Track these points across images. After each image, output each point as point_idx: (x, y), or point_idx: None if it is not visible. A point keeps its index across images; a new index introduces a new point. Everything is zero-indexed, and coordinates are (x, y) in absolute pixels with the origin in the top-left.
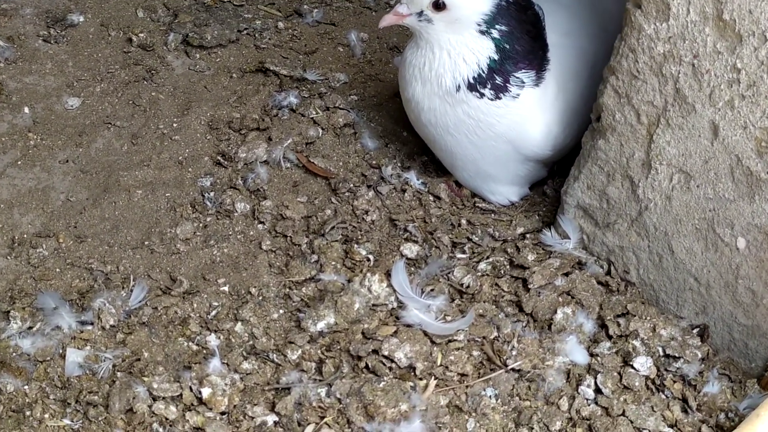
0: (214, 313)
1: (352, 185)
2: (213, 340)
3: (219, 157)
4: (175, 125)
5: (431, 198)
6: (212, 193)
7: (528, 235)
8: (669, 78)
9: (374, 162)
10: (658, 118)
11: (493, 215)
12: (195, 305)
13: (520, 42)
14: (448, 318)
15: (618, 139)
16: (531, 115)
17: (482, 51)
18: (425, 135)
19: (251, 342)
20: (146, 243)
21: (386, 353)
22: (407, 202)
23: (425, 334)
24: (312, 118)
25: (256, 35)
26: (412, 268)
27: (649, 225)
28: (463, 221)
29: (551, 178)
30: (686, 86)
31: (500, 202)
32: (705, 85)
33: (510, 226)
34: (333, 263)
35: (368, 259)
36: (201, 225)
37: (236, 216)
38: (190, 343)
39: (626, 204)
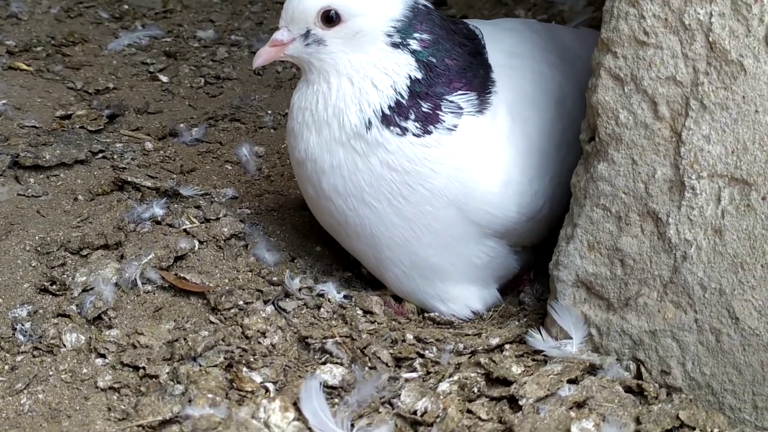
0: None
1: (241, 302)
2: None
3: (46, 284)
4: None
5: (359, 312)
6: (28, 325)
7: (507, 346)
8: (696, 30)
9: (275, 278)
10: (686, 101)
11: (451, 329)
12: None
13: (452, 54)
14: None
15: (628, 154)
16: (478, 155)
17: (398, 69)
18: (333, 217)
19: None
20: None
21: None
22: (324, 320)
23: None
24: (184, 229)
25: (115, 156)
26: (336, 399)
27: (693, 284)
28: (409, 336)
29: (530, 282)
30: (725, 34)
31: (458, 314)
32: (756, 21)
33: (479, 339)
34: (209, 395)
35: (266, 389)
36: (5, 367)
37: (63, 351)
38: None
39: (652, 259)
